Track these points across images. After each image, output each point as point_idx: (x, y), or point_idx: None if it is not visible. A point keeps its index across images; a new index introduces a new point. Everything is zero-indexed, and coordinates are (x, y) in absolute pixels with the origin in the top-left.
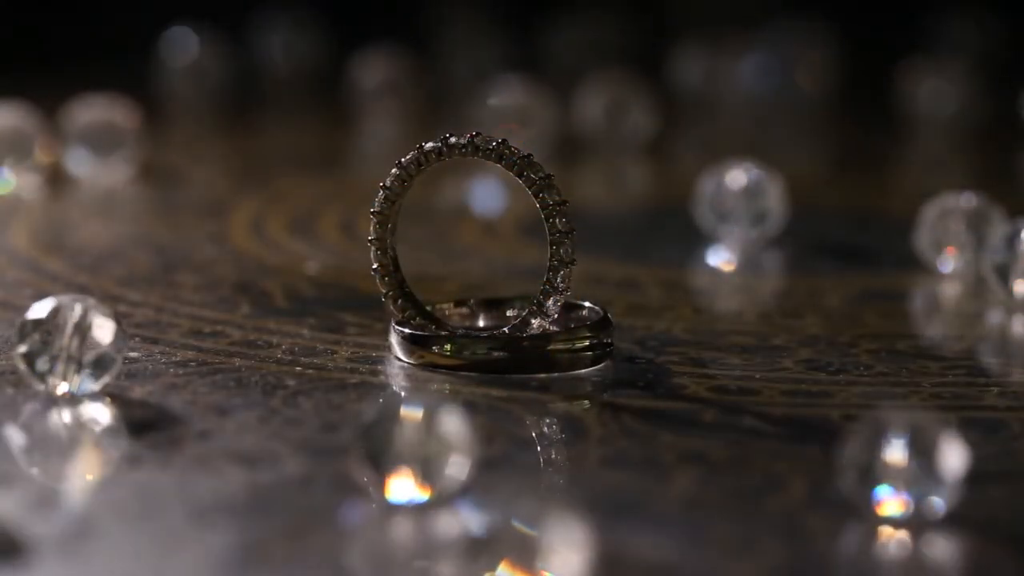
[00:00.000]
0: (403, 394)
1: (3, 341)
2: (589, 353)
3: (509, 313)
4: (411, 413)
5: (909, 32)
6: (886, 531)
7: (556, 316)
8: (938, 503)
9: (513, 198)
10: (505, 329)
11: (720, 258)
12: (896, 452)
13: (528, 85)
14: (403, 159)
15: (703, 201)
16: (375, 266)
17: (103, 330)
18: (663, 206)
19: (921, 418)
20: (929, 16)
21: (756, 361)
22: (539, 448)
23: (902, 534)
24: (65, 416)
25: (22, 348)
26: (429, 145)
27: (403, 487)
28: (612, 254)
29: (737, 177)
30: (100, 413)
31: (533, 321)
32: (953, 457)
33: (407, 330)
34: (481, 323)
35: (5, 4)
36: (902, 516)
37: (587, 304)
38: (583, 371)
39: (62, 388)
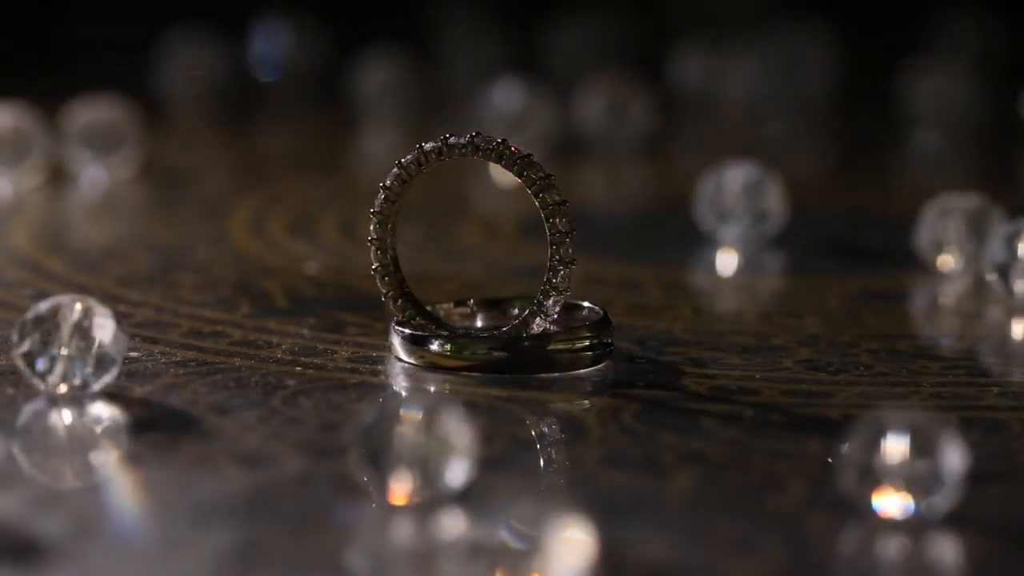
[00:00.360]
0: (403, 394)
1: (3, 341)
2: (589, 353)
3: (509, 313)
4: (411, 413)
5: (909, 32)
6: (886, 531)
7: (556, 316)
8: (938, 503)
9: (513, 198)
10: (505, 329)
11: (721, 258)
12: (896, 452)
13: (528, 85)
14: (403, 159)
15: (703, 201)
16: (375, 266)
17: (103, 330)
18: (663, 206)
19: (921, 418)
20: (929, 16)
21: (756, 361)
22: (539, 448)
23: (902, 534)
24: (65, 416)
25: (22, 348)
26: (429, 145)
27: (403, 492)
28: (612, 254)
29: (737, 177)
30: (100, 413)
31: (533, 321)
32: (953, 457)
33: (407, 330)
34: (481, 323)
35: (5, 4)
36: (902, 516)
37: (587, 304)
38: (583, 371)
39: (62, 388)
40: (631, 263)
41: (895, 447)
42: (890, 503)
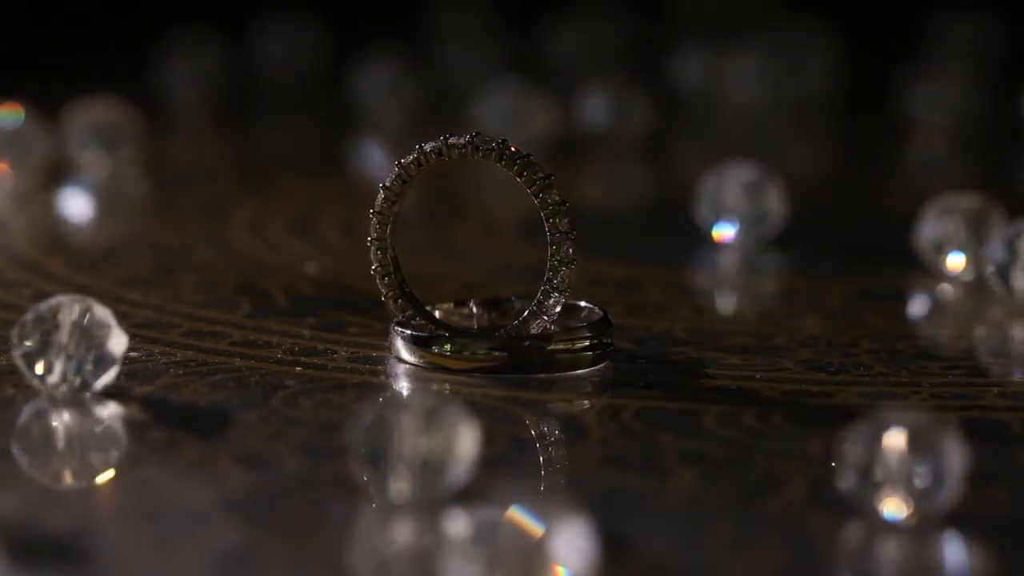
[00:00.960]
0: (403, 394)
1: (3, 341)
2: (589, 353)
3: (509, 313)
4: (411, 413)
5: (909, 33)
6: (886, 531)
7: (556, 316)
8: (938, 503)
9: (513, 198)
10: (505, 329)
11: (720, 258)
12: (896, 452)
13: (528, 85)
14: (403, 159)
15: (703, 201)
16: (375, 266)
17: (103, 330)
18: (663, 206)
19: (921, 418)
20: (929, 17)
21: (756, 361)
22: (539, 448)
23: (902, 534)
24: (65, 416)
25: (22, 348)
26: (429, 145)
27: (403, 492)
28: (612, 254)
29: (737, 176)
30: (100, 413)
31: (533, 321)
32: (953, 457)
33: (407, 330)
34: (481, 323)
35: (5, 4)
36: (902, 516)
37: (587, 304)
38: (583, 371)
39: (62, 388)
40: (631, 263)
41: (895, 447)
42: (890, 503)
